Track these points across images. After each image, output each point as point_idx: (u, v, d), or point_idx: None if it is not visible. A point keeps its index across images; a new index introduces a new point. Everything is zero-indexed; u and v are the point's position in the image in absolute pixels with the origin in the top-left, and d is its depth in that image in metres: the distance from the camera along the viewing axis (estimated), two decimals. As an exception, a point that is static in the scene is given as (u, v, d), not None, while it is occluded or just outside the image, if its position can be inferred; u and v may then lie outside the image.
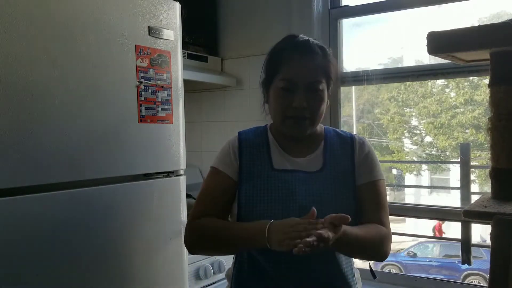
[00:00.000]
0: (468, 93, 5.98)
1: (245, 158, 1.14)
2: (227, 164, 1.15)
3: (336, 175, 1.12)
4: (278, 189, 1.09)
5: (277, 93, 1.10)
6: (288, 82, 1.09)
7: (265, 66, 1.16)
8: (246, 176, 1.12)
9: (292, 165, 1.13)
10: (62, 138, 1.22)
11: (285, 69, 1.09)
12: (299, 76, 1.08)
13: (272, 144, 1.17)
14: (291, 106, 1.08)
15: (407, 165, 7.10)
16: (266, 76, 1.15)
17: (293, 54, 1.10)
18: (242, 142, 1.17)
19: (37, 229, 1.16)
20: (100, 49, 1.31)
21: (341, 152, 1.16)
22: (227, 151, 1.17)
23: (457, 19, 3.55)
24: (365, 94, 6.37)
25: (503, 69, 1.04)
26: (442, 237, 6.09)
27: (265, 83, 1.16)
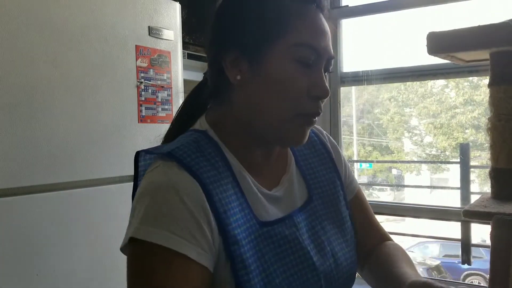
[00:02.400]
0: (468, 93, 5.98)
1: (223, 216, 0.60)
2: (193, 238, 0.58)
3: (327, 200, 0.76)
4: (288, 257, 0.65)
5: (290, 67, 0.62)
6: (309, 50, 0.63)
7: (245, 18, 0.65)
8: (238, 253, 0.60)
9: (275, 205, 0.69)
10: (62, 138, 1.22)
11: (299, 26, 0.63)
12: (321, 43, 0.64)
13: (237, 171, 0.66)
14: (309, 93, 0.64)
15: (407, 165, 7.10)
16: (250, 37, 0.63)
17: (307, 3, 0.65)
18: (204, 183, 0.60)
19: (37, 229, 1.16)
20: (100, 49, 1.31)
21: (316, 160, 0.79)
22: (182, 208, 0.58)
23: (457, 19, 3.56)
24: (365, 94, 6.37)
25: (503, 69, 1.04)
26: (442, 237, 6.10)
27: (247, 50, 0.64)
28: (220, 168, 0.64)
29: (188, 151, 0.63)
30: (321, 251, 0.70)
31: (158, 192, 0.59)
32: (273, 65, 0.62)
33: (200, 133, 0.67)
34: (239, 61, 0.64)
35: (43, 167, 1.18)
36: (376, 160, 7.12)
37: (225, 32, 0.66)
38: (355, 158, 6.74)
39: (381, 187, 7.47)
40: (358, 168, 6.64)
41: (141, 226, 0.58)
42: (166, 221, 0.57)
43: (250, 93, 0.65)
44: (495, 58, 1.05)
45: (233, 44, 0.64)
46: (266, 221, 0.66)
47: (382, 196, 7.07)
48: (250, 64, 0.63)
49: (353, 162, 6.48)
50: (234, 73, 0.64)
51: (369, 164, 6.96)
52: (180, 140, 0.67)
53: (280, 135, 0.66)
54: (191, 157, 0.62)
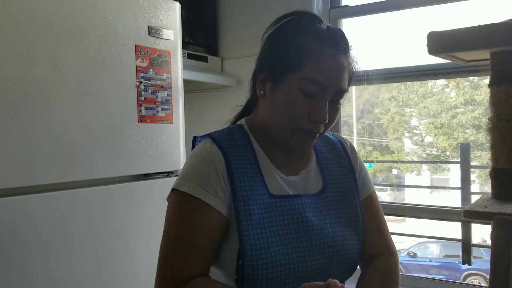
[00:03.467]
0: (468, 93, 5.98)
1: (237, 179, 0.80)
2: (214, 192, 0.79)
3: (341, 194, 0.90)
4: (288, 225, 0.81)
5: (294, 95, 0.80)
6: (314, 85, 0.79)
7: (276, 50, 0.84)
8: (243, 209, 0.78)
9: (289, 186, 0.86)
10: (61, 138, 1.22)
11: (313, 65, 0.79)
12: (331, 80, 0.80)
13: (260, 156, 0.86)
14: (309, 117, 0.80)
15: (407, 165, 7.10)
16: (276, 65, 0.83)
17: (327, 47, 0.80)
18: (227, 154, 0.82)
19: (37, 229, 1.16)
20: (100, 49, 1.31)
21: (336, 162, 0.94)
22: (208, 170, 0.80)
23: (457, 19, 3.55)
24: (365, 94, 6.37)
25: (503, 69, 1.04)
26: (442, 237, 6.10)
27: (272, 74, 0.83)
28: (246, 151, 0.85)
29: (222, 134, 0.87)
30: (321, 229, 0.83)
31: (194, 158, 0.84)
32: (283, 91, 0.82)
33: (237, 126, 0.91)
34: (266, 80, 0.85)
35: (43, 167, 1.18)
36: (376, 160, 7.12)
37: (264, 55, 0.87)
38: (355, 158, 6.71)
39: (381, 187, 7.46)
40: (358, 168, 6.62)
41: (179, 180, 0.82)
42: (195, 177, 0.80)
43: (267, 107, 0.86)
44: (496, 58, 1.05)
45: (265, 67, 0.85)
46: (276, 194, 0.83)
47: (382, 196, 7.06)
48: (271, 86, 0.84)
49: (354, 162, 6.45)
50: (260, 88, 0.86)
51: (369, 164, 6.95)
52: (222, 129, 0.90)
53: (284, 141, 0.86)
54: (223, 138, 0.85)
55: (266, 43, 0.87)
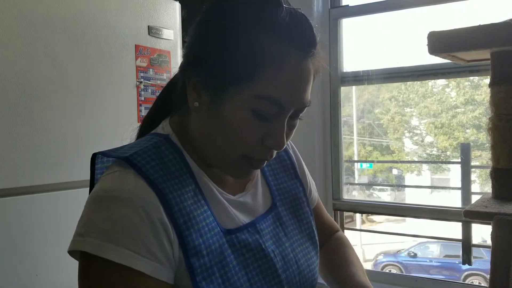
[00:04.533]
0: (468, 93, 5.98)
1: (183, 226, 0.58)
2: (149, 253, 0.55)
3: (291, 206, 0.75)
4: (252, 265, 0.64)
5: (243, 117, 0.58)
6: (272, 105, 0.57)
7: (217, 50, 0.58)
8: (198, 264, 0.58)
9: (239, 210, 0.67)
10: (61, 138, 1.22)
11: (271, 77, 0.56)
12: (294, 96, 0.59)
13: (199, 178, 0.64)
14: (262, 143, 0.60)
15: (407, 165, 7.10)
16: (216, 73, 0.59)
17: (291, 48, 0.57)
18: (162, 192, 0.58)
19: (37, 229, 1.16)
20: (100, 49, 1.31)
21: (279, 167, 0.78)
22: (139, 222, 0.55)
23: (458, 19, 3.56)
24: (366, 94, 6.38)
25: (503, 69, 1.04)
26: (442, 237, 6.11)
27: (211, 84, 0.59)
28: (182, 176, 0.61)
29: (147, 157, 0.60)
30: (284, 258, 0.69)
31: (112, 203, 0.56)
32: (229, 109, 0.58)
33: (162, 138, 0.64)
34: (200, 88, 0.60)
35: (43, 167, 1.18)
36: (377, 160, 7.12)
37: (197, 52, 0.61)
38: (356, 158, 6.74)
39: (382, 187, 7.47)
40: (359, 168, 6.64)
41: (93, 240, 0.55)
42: (121, 236, 0.54)
43: (204, 123, 0.62)
44: (496, 58, 1.05)
45: (201, 71, 0.60)
46: (230, 228, 0.64)
47: (383, 196, 7.07)
48: (210, 98, 0.59)
49: (354, 162, 6.48)
50: (193, 97, 0.61)
51: (370, 164, 6.96)
52: (140, 143, 0.63)
53: (223, 168, 0.65)
54: (150, 164, 0.59)
55: (202, 32, 0.61)
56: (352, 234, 7.15)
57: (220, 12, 0.60)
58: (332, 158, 1.92)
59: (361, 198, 4.72)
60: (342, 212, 1.97)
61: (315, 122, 1.88)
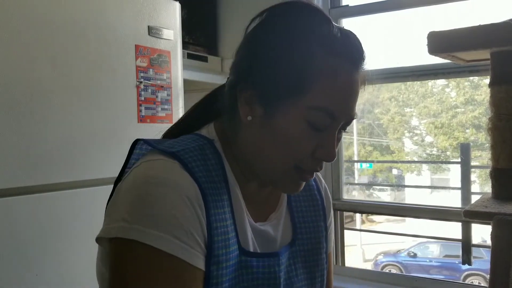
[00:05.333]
0: (468, 93, 5.98)
1: (214, 230, 0.58)
2: (199, 246, 0.56)
3: (310, 247, 0.73)
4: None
5: (299, 129, 0.59)
6: (327, 116, 0.59)
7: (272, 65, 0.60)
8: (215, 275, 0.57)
9: (257, 237, 0.66)
10: (62, 138, 1.22)
11: (325, 88, 0.58)
12: (346, 107, 0.61)
13: (233, 190, 0.64)
14: (314, 154, 0.61)
15: (407, 165, 7.10)
16: (271, 86, 0.60)
17: (343, 62, 0.59)
18: (204, 190, 0.58)
19: (37, 229, 1.16)
20: (100, 49, 1.31)
21: (308, 204, 0.76)
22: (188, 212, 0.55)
23: (457, 19, 3.56)
24: (365, 94, 6.37)
25: (503, 69, 1.04)
26: (442, 237, 6.12)
27: (266, 97, 0.61)
28: (220, 183, 0.61)
29: (193, 156, 0.60)
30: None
31: (158, 188, 0.55)
32: (283, 121, 0.59)
33: (206, 141, 0.64)
34: (253, 102, 0.61)
35: (43, 167, 1.17)
36: (377, 160, 7.12)
37: (249, 65, 0.62)
38: (355, 158, 6.74)
39: (381, 187, 7.47)
40: (358, 168, 6.64)
41: (138, 226, 0.53)
42: (169, 223, 0.53)
43: (256, 135, 0.62)
44: (496, 58, 1.05)
45: (253, 84, 0.61)
46: (248, 251, 0.63)
47: (383, 196, 7.07)
48: (264, 111, 0.60)
49: (353, 162, 6.48)
50: (245, 111, 0.62)
51: (370, 164, 6.96)
52: (185, 142, 0.63)
53: (274, 181, 0.65)
54: (196, 162, 0.59)
55: (253, 49, 0.63)
56: (352, 234, 7.14)
57: (271, 27, 0.62)
58: (332, 158, 1.92)
59: (361, 198, 4.72)
60: (342, 212, 1.97)
61: (315, 122, 1.88)
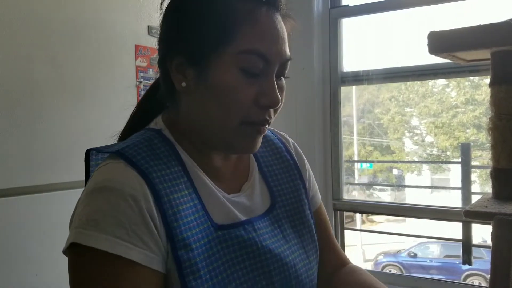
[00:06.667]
0: (469, 92, 5.98)
1: (172, 217, 0.57)
2: (141, 242, 0.55)
3: (292, 208, 0.73)
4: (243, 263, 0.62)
5: (234, 77, 0.59)
6: (258, 58, 0.59)
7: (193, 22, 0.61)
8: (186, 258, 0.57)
9: (235, 207, 0.66)
10: (61, 138, 1.22)
11: (248, 31, 0.58)
12: (275, 47, 0.60)
13: (192, 172, 0.63)
14: (257, 102, 0.60)
15: (407, 165, 7.10)
16: (197, 43, 0.60)
17: (258, 4, 0.60)
18: (152, 181, 0.58)
19: (37, 229, 1.16)
20: (100, 49, 1.31)
21: (280, 167, 0.76)
22: (129, 211, 0.55)
23: (458, 19, 3.56)
24: (366, 93, 6.38)
25: (504, 68, 1.04)
26: (443, 237, 6.13)
27: (194, 56, 0.61)
28: (174, 167, 0.61)
29: (138, 149, 0.60)
30: (281, 260, 0.66)
31: (102, 193, 0.55)
32: (217, 75, 0.59)
33: (154, 132, 0.64)
34: (184, 67, 0.61)
35: (43, 167, 1.18)
36: (377, 160, 7.12)
37: (171, 35, 0.64)
38: (356, 158, 6.73)
39: (382, 187, 7.47)
40: (359, 168, 6.64)
41: (83, 230, 0.54)
42: (110, 225, 0.54)
43: (196, 100, 0.62)
44: (496, 58, 1.05)
45: (179, 49, 0.62)
46: (223, 224, 0.62)
47: (383, 196, 7.06)
48: (196, 72, 0.61)
49: (354, 162, 6.48)
50: (179, 79, 0.62)
51: (370, 164, 6.96)
52: (132, 138, 0.64)
53: (227, 143, 0.63)
54: (141, 155, 0.59)
55: (171, 15, 0.65)
56: (352, 234, 7.15)
57: None
58: (332, 158, 1.92)
59: (361, 198, 4.72)
60: (342, 212, 1.97)
61: (315, 122, 1.88)
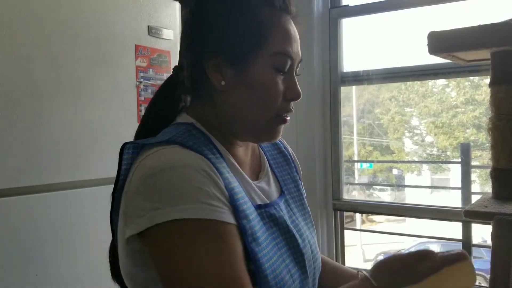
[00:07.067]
0: (468, 92, 5.97)
1: (231, 189, 0.63)
2: (223, 204, 0.60)
3: (295, 195, 0.82)
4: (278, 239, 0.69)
5: (270, 75, 0.67)
6: (286, 58, 0.68)
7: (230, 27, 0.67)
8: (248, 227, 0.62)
9: (260, 194, 0.72)
10: (61, 138, 1.22)
11: (277, 35, 0.67)
12: (296, 49, 0.70)
13: (227, 158, 0.69)
14: (285, 96, 0.69)
15: (407, 165, 7.10)
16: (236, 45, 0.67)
17: (280, 12, 0.69)
18: (209, 158, 0.63)
19: (37, 229, 1.16)
20: (100, 49, 1.31)
21: (282, 160, 0.85)
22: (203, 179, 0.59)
23: (458, 19, 3.56)
24: (366, 94, 6.38)
25: (504, 68, 1.04)
26: (442, 237, 6.13)
27: (233, 57, 0.67)
28: (215, 153, 0.66)
29: (185, 137, 0.64)
30: (301, 236, 0.74)
31: (172, 171, 0.58)
32: (255, 74, 0.67)
33: (187, 125, 0.69)
34: (222, 66, 0.67)
35: (43, 167, 1.18)
36: (377, 160, 7.12)
37: (207, 36, 0.68)
38: (356, 158, 6.74)
39: (382, 187, 7.47)
40: (359, 168, 6.64)
41: (171, 207, 0.56)
42: (193, 194, 0.57)
43: (234, 97, 0.68)
44: (496, 58, 1.05)
45: (217, 50, 0.67)
46: (259, 204, 0.70)
47: (383, 196, 7.07)
48: (234, 71, 0.67)
49: (354, 162, 6.48)
50: (217, 78, 0.68)
51: (370, 164, 6.96)
52: (169, 131, 0.67)
53: (257, 133, 0.71)
54: (191, 141, 0.64)
55: (207, 19, 0.69)
56: (352, 234, 7.15)
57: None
58: (332, 158, 1.92)
59: (361, 198, 4.72)
60: (342, 212, 1.97)
61: (315, 122, 1.88)
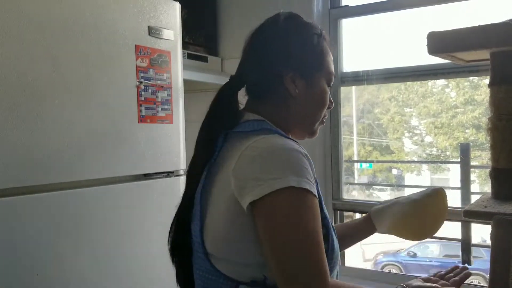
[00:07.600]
0: (468, 93, 5.97)
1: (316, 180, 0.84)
2: (314, 182, 0.81)
3: None
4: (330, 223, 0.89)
5: (326, 88, 0.94)
6: (333, 77, 0.97)
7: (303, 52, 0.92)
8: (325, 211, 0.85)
9: None
10: (61, 138, 1.22)
11: (329, 61, 0.96)
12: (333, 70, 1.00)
13: None
14: (328, 106, 0.97)
15: (407, 165, 7.10)
16: (307, 65, 0.92)
17: (331, 44, 0.99)
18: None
19: (37, 229, 1.16)
20: (100, 49, 1.31)
21: None
22: (307, 164, 0.80)
23: (457, 19, 3.55)
24: (365, 94, 6.37)
25: (503, 69, 1.04)
26: (442, 237, 6.10)
27: (304, 73, 0.91)
28: None
29: (277, 129, 0.87)
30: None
31: (291, 152, 0.79)
32: (319, 86, 0.93)
33: (262, 121, 0.88)
34: (295, 79, 0.90)
35: (43, 167, 1.18)
36: (376, 160, 7.12)
37: (287, 57, 0.91)
38: (355, 158, 6.73)
39: (381, 187, 7.46)
40: (358, 168, 6.63)
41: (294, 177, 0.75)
42: (305, 172, 0.77)
43: (303, 103, 0.92)
44: (496, 58, 1.05)
45: (292, 67, 0.90)
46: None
47: (383, 196, 7.05)
48: (305, 83, 0.91)
49: (353, 162, 6.47)
50: (292, 88, 0.90)
51: (369, 164, 6.95)
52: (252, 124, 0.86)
53: (311, 131, 0.97)
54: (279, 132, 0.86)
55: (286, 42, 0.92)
56: (352, 234, 7.12)
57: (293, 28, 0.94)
58: (332, 158, 1.92)
59: (361, 198, 4.71)
60: (342, 212, 1.97)
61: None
